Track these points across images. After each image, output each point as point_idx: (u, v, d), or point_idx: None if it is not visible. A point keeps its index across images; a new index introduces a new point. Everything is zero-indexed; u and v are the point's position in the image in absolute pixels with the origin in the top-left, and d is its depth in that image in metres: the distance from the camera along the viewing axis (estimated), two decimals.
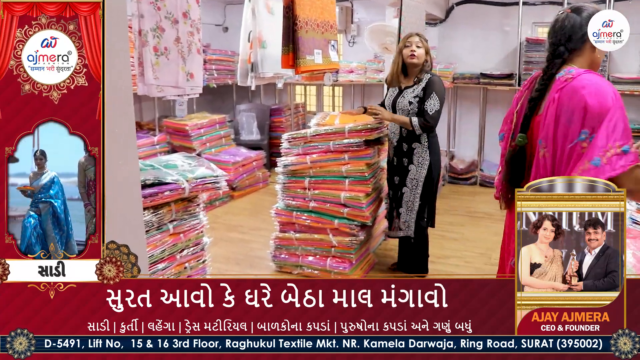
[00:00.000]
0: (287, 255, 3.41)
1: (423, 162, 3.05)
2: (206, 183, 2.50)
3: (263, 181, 5.69)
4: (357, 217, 3.14)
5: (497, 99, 5.78)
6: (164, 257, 2.39)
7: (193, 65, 2.84)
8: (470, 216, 4.70)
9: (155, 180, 2.31)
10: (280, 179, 3.40)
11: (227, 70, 6.10)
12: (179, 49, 2.73)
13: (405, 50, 3.01)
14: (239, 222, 4.59)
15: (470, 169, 5.84)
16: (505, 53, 5.69)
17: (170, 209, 2.39)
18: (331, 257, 3.24)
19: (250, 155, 5.53)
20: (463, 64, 5.75)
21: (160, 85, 2.65)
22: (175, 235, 2.45)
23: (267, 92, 6.95)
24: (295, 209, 3.35)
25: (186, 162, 2.62)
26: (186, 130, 5.26)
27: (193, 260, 2.57)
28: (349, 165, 3.17)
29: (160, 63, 2.63)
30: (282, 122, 6.54)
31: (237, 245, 3.97)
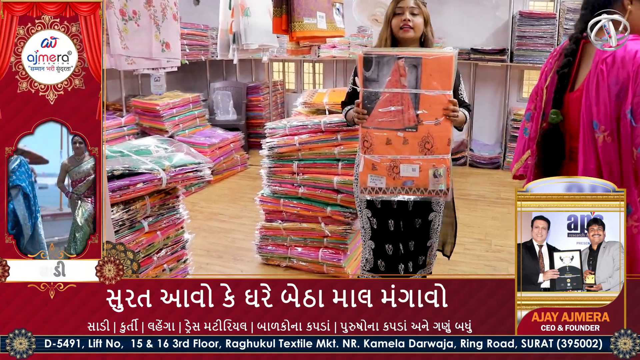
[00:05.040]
0: (274, 246, 3.12)
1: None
2: (186, 172, 2.15)
3: (241, 164, 5.34)
4: (351, 204, 2.82)
5: (487, 76, 5.60)
6: (139, 259, 2.05)
7: (169, 33, 2.38)
8: (464, 199, 4.46)
9: (126, 170, 1.98)
10: (266, 163, 3.06)
11: (199, 46, 5.68)
12: (151, 13, 2.28)
13: (396, 20, 2.04)
14: (218, 209, 4.22)
15: (459, 149, 5.65)
16: (496, 27, 5.49)
17: (145, 203, 2.05)
18: (323, 248, 2.97)
19: (227, 137, 5.13)
20: (452, 39, 5.44)
21: (130, 56, 2.21)
22: (151, 233, 2.11)
23: (243, 69, 6.59)
24: (283, 195, 3.03)
25: (161, 147, 2.29)
26: (157, 111, 4.78)
27: (172, 261, 2.25)
28: (341, 146, 2.83)
29: (129, 30, 2.18)
30: (260, 101, 6.14)
31: (217, 236, 3.65)
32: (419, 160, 1.85)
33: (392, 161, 1.86)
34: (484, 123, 5.77)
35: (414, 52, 1.82)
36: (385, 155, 1.86)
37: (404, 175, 1.86)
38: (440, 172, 1.86)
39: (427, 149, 1.84)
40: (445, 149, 1.85)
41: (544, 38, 5.19)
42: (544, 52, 5.18)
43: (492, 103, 5.72)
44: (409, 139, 1.84)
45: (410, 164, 1.86)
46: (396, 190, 1.89)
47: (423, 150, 1.84)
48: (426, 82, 1.79)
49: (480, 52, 5.37)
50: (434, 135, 1.83)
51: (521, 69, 5.57)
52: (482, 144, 5.74)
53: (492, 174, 5.34)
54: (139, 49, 2.25)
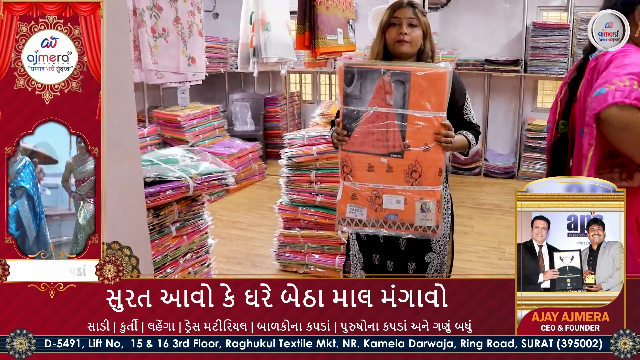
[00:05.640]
0: (292, 253, 3.24)
1: (446, 206, 1.87)
2: (212, 180, 2.27)
3: (259, 174, 5.49)
4: None
5: (501, 87, 5.67)
6: (167, 262, 2.19)
7: (195, 48, 2.57)
8: (479, 208, 4.60)
9: (156, 177, 2.09)
10: (284, 172, 3.18)
11: (219, 58, 5.93)
12: (179, 30, 2.46)
13: (391, 32, 1.75)
14: (237, 217, 4.39)
15: (474, 159, 5.74)
16: (509, 38, 5.55)
17: (173, 209, 2.17)
18: (340, 255, 3.06)
19: (245, 147, 5.30)
20: (466, 49, 5.58)
21: (160, 70, 2.38)
22: (178, 237, 2.24)
23: (260, 81, 6.76)
24: (301, 204, 3.15)
25: (187, 156, 2.42)
26: (178, 122, 5.01)
27: (197, 265, 2.38)
28: None
29: (158, 46, 2.36)
30: (278, 112, 6.34)
31: (236, 243, 3.81)
32: (405, 191, 1.61)
33: (374, 190, 1.63)
34: (499, 133, 5.84)
35: (402, 67, 1.59)
36: (367, 184, 1.63)
37: (388, 207, 1.62)
38: (429, 207, 1.61)
39: (415, 179, 1.60)
40: (435, 179, 1.61)
41: (557, 48, 5.24)
42: (558, 62, 5.25)
43: (506, 113, 5.79)
44: (393, 166, 1.60)
45: (394, 194, 1.62)
46: (378, 224, 1.65)
47: (409, 180, 1.60)
48: (415, 102, 1.56)
49: (494, 62, 5.43)
50: (422, 163, 1.59)
51: (535, 79, 5.62)
52: (496, 154, 5.80)
53: (507, 184, 5.42)
54: (168, 63, 2.44)
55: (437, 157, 1.60)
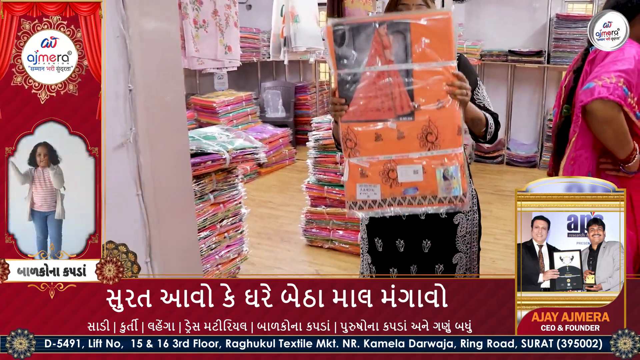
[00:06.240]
0: (318, 229, 3.52)
1: (473, 202, 1.73)
2: (245, 154, 2.59)
3: (289, 158, 5.83)
4: None
5: (525, 77, 5.79)
6: (206, 225, 2.49)
7: (231, 38, 2.92)
8: (499, 194, 4.76)
9: (198, 150, 2.37)
10: (312, 154, 3.42)
11: (251, 48, 6.17)
12: (217, 21, 2.80)
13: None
14: (268, 198, 4.73)
15: (497, 148, 5.88)
16: (533, 30, 5.65)
17: (212, 179, 2.48)
18: None
19: (276, 133, 5.63)
20: (490, 41, 5.72)
21: (200, 57, 2.73)
22: (216, 205, 2.55)
23: (291, 70, 7.03)
24: (327, 183, 3.42)
25: (224, 134, 2.71)
26: (214, 108, 5.31)
27: (232, 231, 2.71)
28: None
29: (200, 36, 2.71)
30: (307, 100, 6.64)
31: (267, 221, 4.11)
32: (422, 158, 1.37)
33: (386, 163, 1.39)
34: (522, 123, 5.94)
35: (399, 16, 1.35)
36: (376, 157, 1.40)
37: (404, 180, 1.38)
38: (451, 173, 1.37)
39: (431, 143, 1.36)
40: (454, 140, 1.36)
41: (580, 40, 5.30)
42: None
43: (530, 103, 5.89)
44: (404, 131, 1.36)
45: (410, 164, 1.37)
46: (395, 202, 1.40)
47: (425, 145, 1.36)
48: (419, 53, 1.33)
49: (517, 53, 5.52)
50: (437, 123, 1.35)
51: (558, 70, 5.70)
52: (519, 143, 5.90)
53: (528, 172, 5.59)
54: (207, 51, 2.78)
55: (454, 114, 1.35)
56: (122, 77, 1.51)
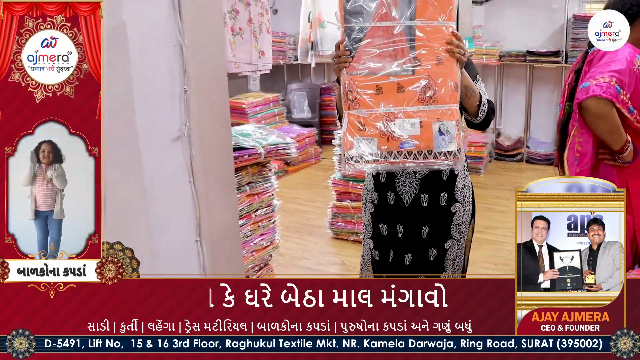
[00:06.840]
0: (343, 222, 3.74)
1: (468, 194, 1.77)
2: (278, 149, 2.82)
3: (315, 157, 6.08)
4: None
5: (543, 77, 5.88)
6: (242, 214, 2.73)
7: (264, 43, 3.16)
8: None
9: (236, 145, 2.59)
10: (337, 151, 3.53)
11: (278, 51, 6.34)
12: (252, 29, 3.05)
13: None
14: (296, 194, 4.96)
15: (516, 146, 6.01)
16: (551, 30, 5.75)
17: (248, 172, 2.73)
18: None
19: (302, 132, 5.87)
20: (509, 41, 5.84)
21: (237, 62, 2.99)
22: (251, 196, 2.80)
23: (317, 72, 7.21)
24: (352, 179, 3.61)
25: (258, 131, 2.94)
26: (243, 108, 5.53)
27: (265, 220, 2.94)
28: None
29: (236, 42, 2.96)
30: (332, 101, 6.77)
31: (295, 215, 4.35)
32: (419, 112, 1.45)
33: (384, 116, 1.46)
34: (541, 122, 6.03)
35: None
36: (376, 109, 1.47)
37: (401, 133, 1.45)
38: (447, 128, 1.45)
39: (429, 97, 1.45)
40: (452, 96, 1.46)
41: None
42: None
43: (548, 103, 5.97)
44: (404, 85, 1.45)
45: (407, 118, 1.45)
46: (391, 156, 1.47)
47: (424, 99, 1.45)
48: (422, 12, 1.43)
49: (535, 54, 5.63)
50: (436, 78, 1.45)
51: None
52: (539, 142, 6.01)
53: (547, 169, 5.73)
54: (243, 56, 3.04)
55: (451, 71, 1.46)
56: (178, 80, 1.79)
